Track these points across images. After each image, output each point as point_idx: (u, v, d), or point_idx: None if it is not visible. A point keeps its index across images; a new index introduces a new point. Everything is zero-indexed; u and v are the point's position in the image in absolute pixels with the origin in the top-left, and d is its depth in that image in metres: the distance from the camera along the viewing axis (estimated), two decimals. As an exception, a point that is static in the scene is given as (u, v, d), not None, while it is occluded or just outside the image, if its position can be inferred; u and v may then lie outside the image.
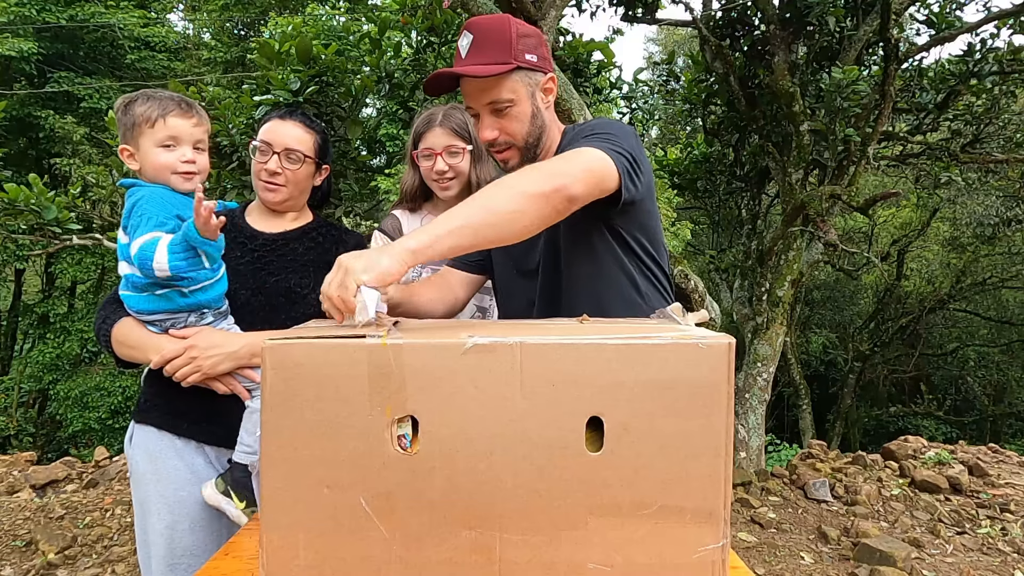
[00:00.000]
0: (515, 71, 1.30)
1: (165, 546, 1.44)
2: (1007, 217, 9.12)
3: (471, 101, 1.36)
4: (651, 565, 0.84)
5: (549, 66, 1.38)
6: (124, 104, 1.40)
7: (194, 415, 1.48)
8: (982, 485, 4.27)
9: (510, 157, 1.39)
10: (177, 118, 1.38)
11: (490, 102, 1.32)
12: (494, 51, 1.28)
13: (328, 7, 11.83)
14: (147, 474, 1.47)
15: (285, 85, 2.90)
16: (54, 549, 3.28)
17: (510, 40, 1.29)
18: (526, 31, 1.33)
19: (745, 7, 4.75)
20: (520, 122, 1.34)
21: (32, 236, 3.58)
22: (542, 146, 1.40)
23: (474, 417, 0.84)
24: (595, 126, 1.33)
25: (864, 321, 12.80)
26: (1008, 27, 4.77)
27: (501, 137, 1.35)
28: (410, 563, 0.85)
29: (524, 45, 1.30)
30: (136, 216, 1.34)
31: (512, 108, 1.32)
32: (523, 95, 1.33)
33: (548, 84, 1.37)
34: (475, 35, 1.30)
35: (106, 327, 1.43)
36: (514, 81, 1.31)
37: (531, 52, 1.31)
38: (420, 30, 3.62)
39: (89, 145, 10.53)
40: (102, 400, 10.53)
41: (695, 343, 0.84)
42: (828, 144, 4.45)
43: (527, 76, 1.33)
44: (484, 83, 1.30)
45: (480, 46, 1.29)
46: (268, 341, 0.85)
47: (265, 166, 1.56)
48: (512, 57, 1.28)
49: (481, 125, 1.36)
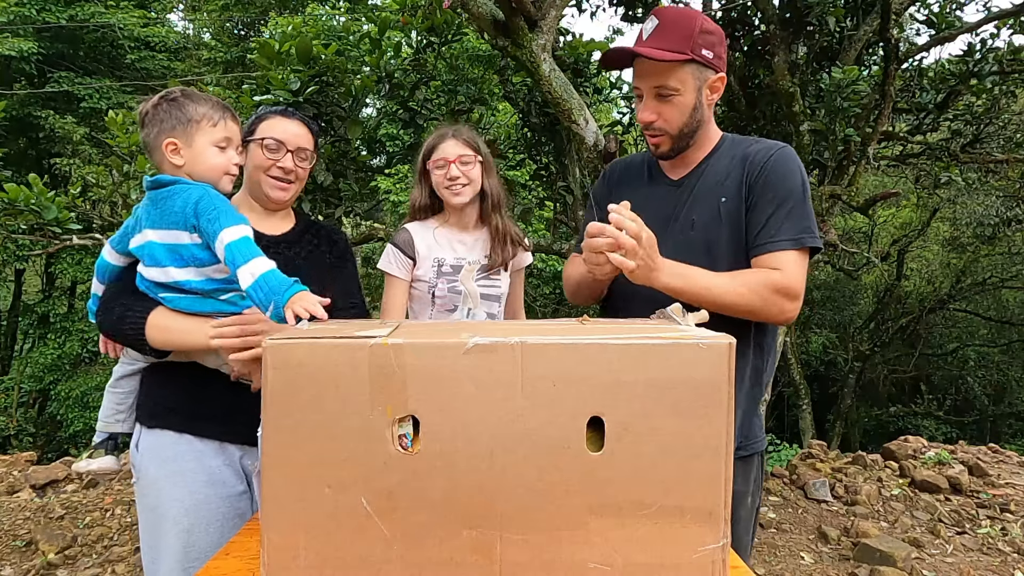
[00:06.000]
0: (688, 62, 1.34)
1: (181, 550, 1.42)
2: (1007, 217, 9.11)
3: (640, 81, 1.40)
4: (651, 565, 0.85)
5: (723, 66, 1.41)
6: (172, 99, 1.36)
7: (216, 415, 1.47)
8: (982, 485, 4.27)
9: (661, 143, 1.43)
10: (233, 122, 1.41)
11: (657, 86, 1.36)
12: (674, 39, 1.32)
13: (328, 7, 11.83)
14: (160, 479, 1.45)
15: (285, 85, 2.89)
16: (54, 549, 3.28)
17: (692, 32, 1.33)
18: (710, 28, 1.37)
19: (745, 7, 4.75)
20: (680, 112, 1.38)
21: (32, 236, 3.58)
22: (695, 140, 1.43)
23: (475, 417, 0.84)
24: (792, 191, 1.36)
25: (864, 321, 12.79)
26: (1008, 27, 4.76)
27: (658, 122, 1.39)
28: (411, 563, 0.85)
29: (704, 40, 1.34)
30: (210, 210, 1.29)
31: (676, 97, 1.36)
32: (690, 87, 1.36)
33: (717, 83, 1.40)
34: (661, 20, 1.35)
35: (135, 316, 1.37)
36: (685, 72, 1.35)
37: (709, 49, 1.35)
38: (420, 30, 3.62)
39: (89, 145, 10.53)
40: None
41: (695, 343, 0.84)
42: (828, 144, 4.45)
43: (699, 70, 1.36)
44: (656, 67, 1.34)
45: (662, 32, 1.33)
46: (269, 341, 0.85)
47: (278, 163, 1.57)
48: (689, 49, 1.32)
49: (643, 106, 1.40)
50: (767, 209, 1.35)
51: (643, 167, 1.58)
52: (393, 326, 0.97)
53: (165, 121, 1.35)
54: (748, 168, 1.39)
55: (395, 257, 1.83)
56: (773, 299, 1.31)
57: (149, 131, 1.36)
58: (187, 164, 1.36)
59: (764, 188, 1.36)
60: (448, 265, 1.82)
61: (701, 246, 1.38)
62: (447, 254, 1.84)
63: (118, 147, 3.66)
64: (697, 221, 1.40)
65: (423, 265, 1.82)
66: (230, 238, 1.24)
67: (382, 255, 1.87)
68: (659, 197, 1.48)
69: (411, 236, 1.85)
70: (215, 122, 1.37)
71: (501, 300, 1.89)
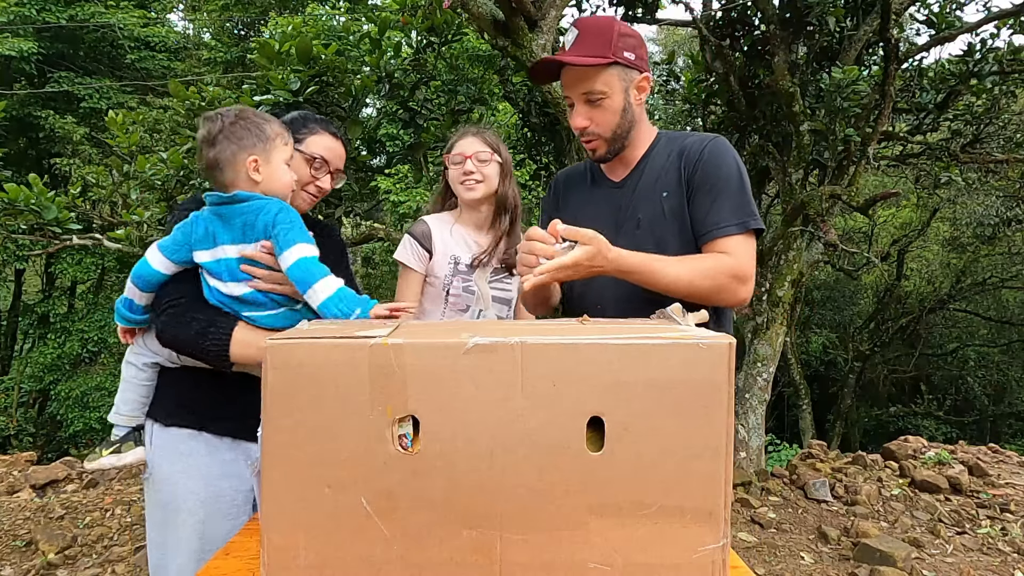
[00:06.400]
0: (611, 65, 1.39)
1: (197, 541, 1.46)
2: (1007, 217, 9.12)
3: (568, 90, 1.45)
4: (651, 565, 0.84)
5: (645, 66, 1.46)
6: (246, 118, 1.40)
7: (232, 413, 1.48)
8: (982, 485, 4.27)
9: (597, 146, 1.47)
10: (291, 141, 1.51)
11: (585, 92, 1.41)
12: (596, 45, 1.38)
13: (328, 7, 11.83)
14: (174, 474, 1.48)
15: (285, 85, 2.89)
16: (54, 549, 3.28)
17: (611, 37, 1.38)
18: (627, 32, 1.42)
19: (745, 7, 4.75)
20: (611, 114, 1.43)
21: (32, 236, 3.58)
22: (630, 140, 1.48)
23: (475, 417, 0.84)
24: (728, 178, 1.41)
25: (864, 321, 12.80)
26: (1008, 27, 4.76)
27: (591, 127, 1.44)
28: (411, 563, 0.85)
29: (624, 43, 1.39)
30: (287, 223, 1.35)
31: (604, 100, 1.41)
32: (617, 89, 1.41)
33: (643, 82, 1.45)
34: (580, 30, 1.40)
35: (220, 333, 1.39)
36: (610, 75, 1.40)
37: (630, 51, 1.40)
38: (420, 30, 3.62)
39: (89, 145, 10.53)
40: (103, 400, 10.52)
41: (695, 343, 0.84)
42: (828, 144, 4.45)
43: (623, 72, 1.41)
44: (582, 73, 1.40)
45: (584, 40, 1.39)
46: (269, 341, 0.85)
47: (318, 182, 1.63)
48: (611, 53, 1.37)
49: (574, 113, 1.45)
50: (707, 198, 1.40)
51: (585, 173, 1.63)
52: (393, 326, 0.97)
53: (245, 139, 1.39)
54: (685, 161, 1.45)
55: (412, 248, 1.84)
56: (727, 283, 1.36)
57: (224, 148, 1.38)
58: (264, 181, 1.41)
59: (703, 178, 1.41)
60: (464, 264, 1.83)
61: (651, 242, 1.42)
62: (463, 253, 1.84)
63: (118, 147, 3.66)
64: (643, 219, 1.46)
65: (439, 260, 1.83)
66: (304, 254, 1.32)
67: (399, 246, 1.88)
68: (604, 200, 1.53)
69: (429, 229, 1.85)
70: (286, 141, 1.45)
71: (511, 304, 1.89)
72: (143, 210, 3.59)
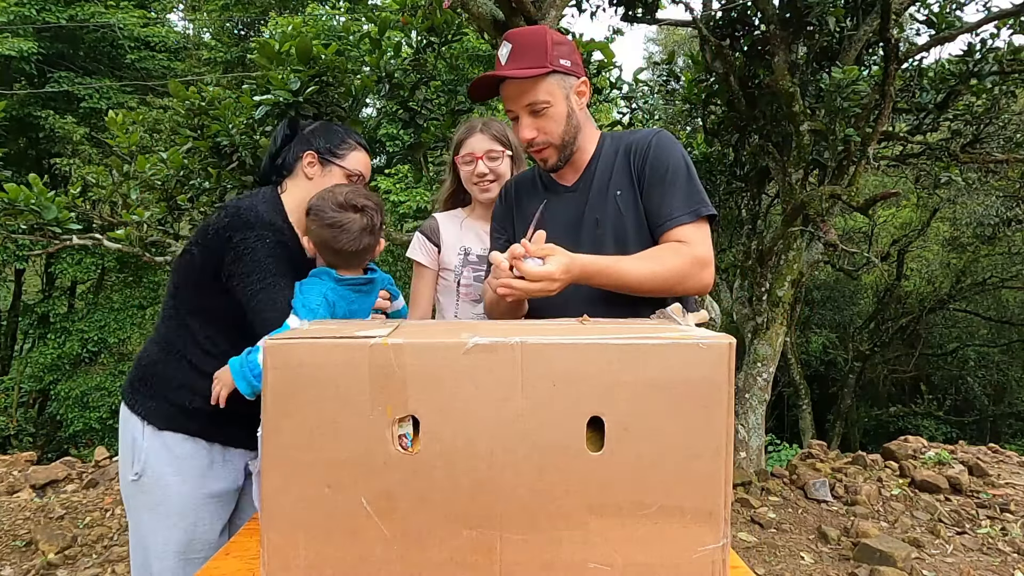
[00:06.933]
0: (550, 74, 1.40)
1: (186, 542, 1.48)
2: (1007, 217, 9.11)
3: (511, 104, 1.45)
4: (651, 565, 0.84)
5: (582, 71, 1.48)
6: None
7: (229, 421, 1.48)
8: (982, 485, 4.27)
9: (548, 156, 1.48)
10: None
11: (528, 103, 1.42)
12: (531, 57, 1.39)
13: (328, 7, 11.84)
14: (167, 475, 1.49)
15: (285, 85, 2.89)
16: (54, 549, 3.28)
17: (545, 47, 1.39)
18: (559, 39, 1.44)
19: (745, 7, 4.75)
20: (556, 122, 1.44)
21: (32, 236, 3.58)
22: (577, 145, 1.49)
23: (475, 417, 0.84)
24: (676, 170, 1.43)
25: (864, 321, 12.79)
26: (1008, 27, 4.76)
27: (539, 137, 1.44)
28: (411, 563, 0.85)
29: (558, 52, 1.41)
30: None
31: (549, 109, 1.42)
32: (559, 97, 1.42)
33: (581, 87, 1.47)
34: (513, 44, 1.41)
35: None
36: (550, 84, 1.41)
37: (565, 58, 1.42)
38: (420, 30, 3.62)
39: (89, 145, 10.52)
40: (102, 400, 10.52)
41: (695, 343, 0.84)
42: (828, 144, 4.45)
43: (562, 79, 1.42)
44: (523, 85, 1.40)
45: (518, 53, 1.40)
46: (269, 341, 0.85)
47: None
48: (548, 62, 1.38)
49: (520, 126, 1.46)
50: (658, 189, 1.43)
51: (536, 180, 1.63)
52: (393, 326, 0.97)
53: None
54: (632, 157, 1.47)
55: (420, 243, 1.86)
56: (689, 270, 1.37)
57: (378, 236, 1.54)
58: None
59: (652, 171, 1.43)
60: (475, 255, 1.83)
61: (611, 241, 1.44)
62: (474, 243, 1.84)
63: (118, 147, 3.66)
64: (600, 219, 1.47)
65: (448, 253, 1.83)
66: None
67: (411, 244, 1.91)
68: (559, 205, 1.53)
69: (437, 224, 1.88)
70: None
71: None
72: (143, 210, 3.59)
